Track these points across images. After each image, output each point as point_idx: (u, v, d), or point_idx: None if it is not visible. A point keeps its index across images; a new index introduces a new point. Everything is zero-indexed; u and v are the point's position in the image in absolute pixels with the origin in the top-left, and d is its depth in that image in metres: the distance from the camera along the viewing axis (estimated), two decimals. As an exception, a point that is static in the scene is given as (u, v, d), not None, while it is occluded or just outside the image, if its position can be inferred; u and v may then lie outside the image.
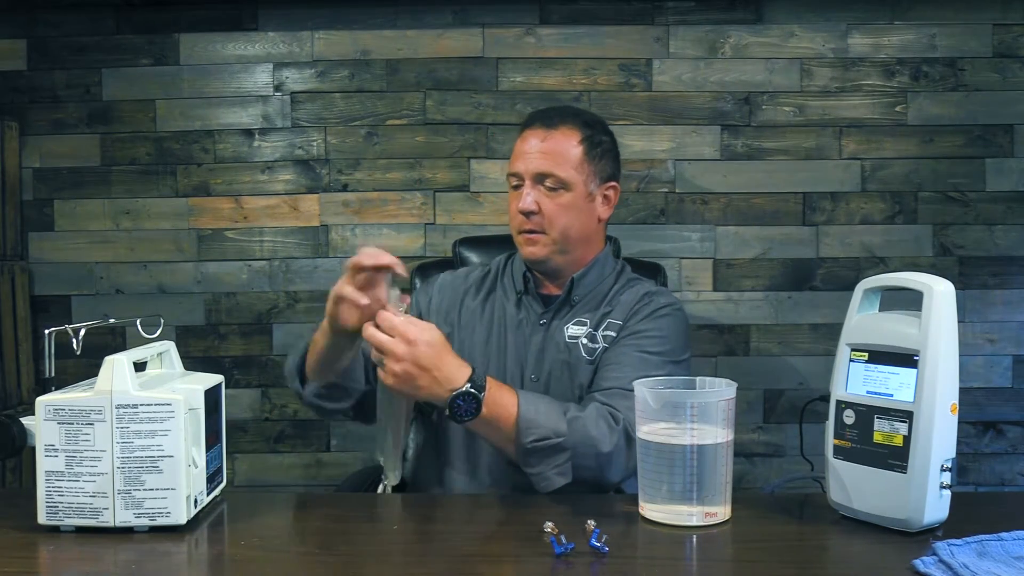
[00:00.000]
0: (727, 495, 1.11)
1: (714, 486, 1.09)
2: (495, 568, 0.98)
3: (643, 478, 1.12)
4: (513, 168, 1.54)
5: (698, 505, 1.08)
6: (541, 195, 1.50)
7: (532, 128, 1.54)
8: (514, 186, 1.54)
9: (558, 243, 1.52)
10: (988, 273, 2.40)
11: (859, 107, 2.39)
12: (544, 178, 1.50)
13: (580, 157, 1.52)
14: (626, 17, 2.39)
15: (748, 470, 2.42)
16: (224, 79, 2.42)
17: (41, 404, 1.07)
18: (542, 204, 1.50)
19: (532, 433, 1.30)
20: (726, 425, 1.09)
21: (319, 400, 1.45)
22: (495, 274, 1.64)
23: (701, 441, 1.08)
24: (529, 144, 1.52)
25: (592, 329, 1.52)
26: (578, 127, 1.54)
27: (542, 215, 1.50)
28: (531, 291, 1.58)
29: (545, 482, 1.31)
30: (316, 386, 1.44)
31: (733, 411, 1.11)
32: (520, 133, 1.56)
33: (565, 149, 1.51)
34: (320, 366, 1.41)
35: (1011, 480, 2.41)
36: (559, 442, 1.30)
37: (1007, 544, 0.97)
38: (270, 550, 1.06)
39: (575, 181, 1.51)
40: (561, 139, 1.51)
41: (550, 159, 1.50)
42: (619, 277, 1.61)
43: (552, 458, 1.31)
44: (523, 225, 1.51)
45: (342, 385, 1.44)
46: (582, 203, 1.53)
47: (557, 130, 1.52)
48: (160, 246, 2.44)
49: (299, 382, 1.47)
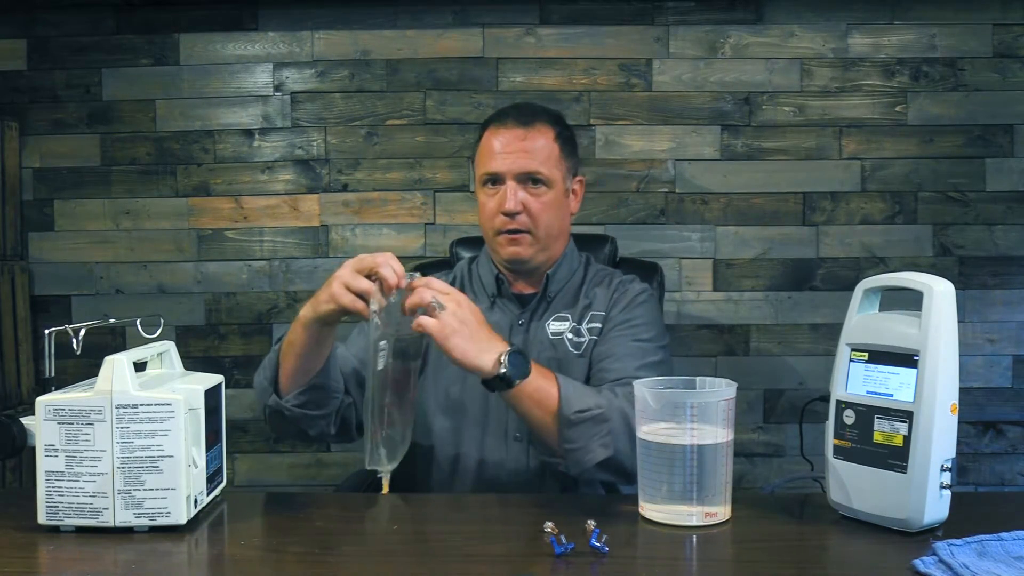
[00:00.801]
0: (727, 495, 1.11)
1: (714, 486, 1.09)
2: (495, 568, 0.98)
3: (643, 478, 1.12)
4: (491, 168, 1.51)
5: (698, 505, 1.08)
6: (525, 194, 1.49)
7: (506, 126, 1.51)
8: (490, 185, 1.52)
9: (541, 241, 1.53)
10: (988, 273, 2.40)
11: (859, 107, 2.39)
12: (528, 177, 1.50)
13: (558, 154, 1.53)
14: (626, 17, 2.39)
15: (748, 470, 2.42)
16: (224, 79, 2.42)
17: (41, 404, 1.07)
18: (527, 203, 1.49)
19: (575, 404, 1.29)
20: (726, 425, 1.09)
21: (303, 409, 1.38)
22: (461, 279, 1.63)
23: (701, 441, 1.08)
24: (506, 143, 1.50)
25: (575, 323, 1.53)
26: (550, 123, 1.54)
27: (526, 214, 1.49)
28: (505, 292, 1.57)
29: (589, 455, 1.29)
30: (296, 394, 1.37)
31: (733, 411, 1.10)
32: (489, 131, 1.54)
33: (544, 146, 1.51)
34: (299, 366, 1.35)
35: (1011, 480, 2.41)
36: (600, 413, 1.28)
37: (1007, 544, 0.97)
38: (270, 550, 1.06)
39: (555, 178, 1.52)
40: (539, 137, 1.51)
41: (533, 157, 1.50)
42: (587, 268, 1.62)
43: (595, 429, 1.28)
44: (505, 225, 1.50)
45: (322, 385, 1.38)
46: (561, 200, 1.55)
47: (534, 128, 1.51)
48: (160, 246, 2.44)
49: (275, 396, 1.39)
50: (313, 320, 1.29)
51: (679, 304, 2.40)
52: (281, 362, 1.37)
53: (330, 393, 1.40)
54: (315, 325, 1.30)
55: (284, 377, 1.37)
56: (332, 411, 1.42)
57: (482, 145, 1.55)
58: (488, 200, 1.52)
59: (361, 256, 1.25)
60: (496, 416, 1.50)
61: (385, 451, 1.25)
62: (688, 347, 2.39)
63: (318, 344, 1.33)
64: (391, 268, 1.22)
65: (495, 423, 1.50)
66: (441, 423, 1.51)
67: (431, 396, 1.53)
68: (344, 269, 1.25)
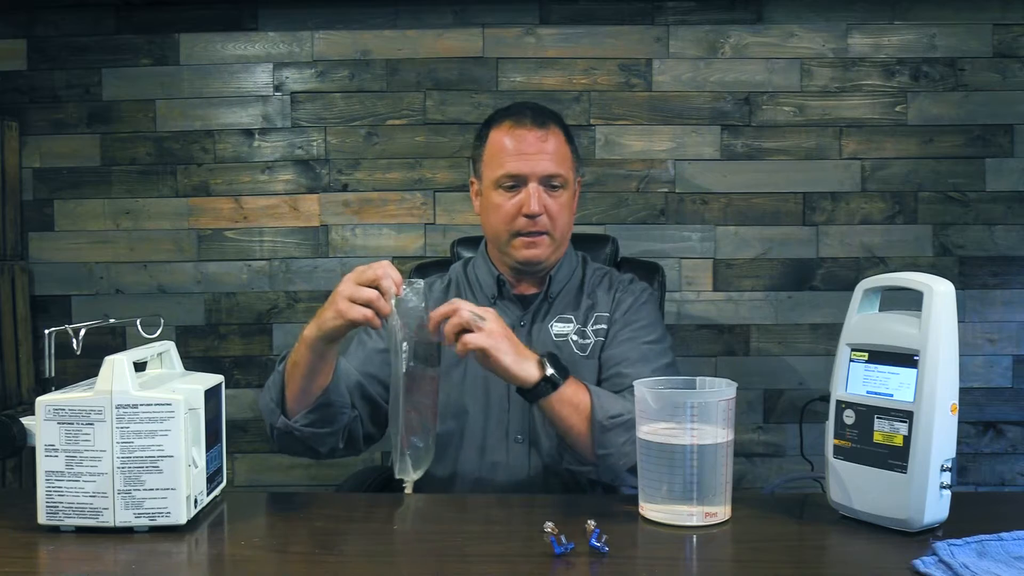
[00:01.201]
0: (727, 495, 1.11)
1: (714, 486, 1.09)
2: (495, 568, 0.98)
3: (643, 478, 1.12)
4: (514, 170, 1.48)
5: (698, 505, 1.08)
6: (545, 196, 1.49)
7: (524, 127, 1.50)
8: (508, 187, 1.50)
9: (557, 242, 1.53)
10: (988, 273, 2.40)
11: (859, 107, 2.39)
12: (551, 179, 1.49)
13: (571, 155, 1.54)
14: (626, 17, 2.39)
15: (748, 470, 2.41)
16: (224, 79, 2.42)
17: (41, 404, 1.07)
18: (547, 205, 1.49)
19: (608, 409, 1.30)
20: (726, 425, 1.09)
21: (313, 428, 1.36)
22: (457, 281, 1.62)
23: (701, 441, 1.08)
24: (527, 144, 1.49)
25: (580, 325, 1.53)
26: (559, 125, 1.55)
27: (547, 216, 1.49)
28: (506, 294, 1.57)
29: (623, 460, 1.29)
30: (304, 414, 1.35)
31: (733, 411, 1.11)
32: (499, 129, 1.52)
33: (560, 147, 1.52)
34: (306, 385, 1.34)
35: (1011, 480, 2.41)
36: (631, 418, 1.26)
37: (1007, 544, 0.97)
38: (270, 550, 1.06)
39: (571, 180, 1.53)
40: (554, 138, 1.51)
41: (556, 159, 1.50)
42: (585, 267, 1.63)
43: (627, 435, 1.28)
44: (527, 227, 1.49)
45: (330, 402, 1.36)
46: (572, 200, 1.56)
47: (550, 129, 1.51)
48: (160, 246, 2.44)
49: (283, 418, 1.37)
50: (319, 339, 1.28)
51: (679, 304, 2.40)
52: (286, 383, 1.36)
53: (338, 409, 1.39)
54: (320, 343, 1.29)
55: (291, 398, 1.36)
56: (341, 427, 1.41)
57: (493, 144, 1.52)
58: (505, 202, 1.50)
59: (359, 269, 1.25)
60: (497, 418, 1.49)
61: (411, 460, 1.26)
62: (688, 347, 2.39)
63: (323, 362, 1.32)
64: (390, 278, 1.22)
65: (496, 425, 1.49)
66: (442, 426, 1.51)
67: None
68: (345, 285, 1.24)
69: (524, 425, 1.48)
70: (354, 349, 1.53)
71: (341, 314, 1.23)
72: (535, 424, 1.47)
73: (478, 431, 1.50)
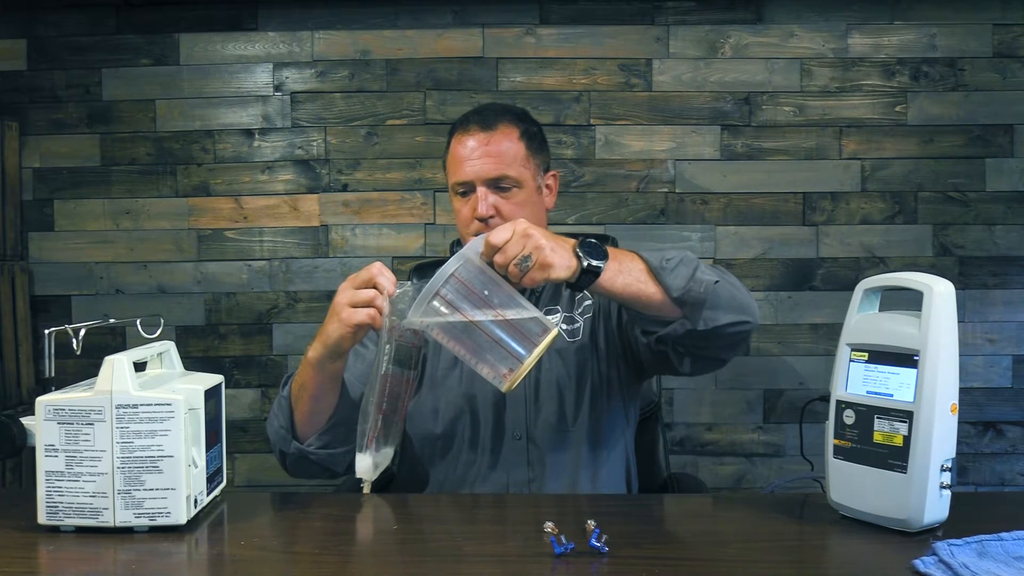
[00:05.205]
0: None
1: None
2: (495, 568, 0.98)
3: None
4: (460, 177, 1.49)
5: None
6: (496, 198, 1.49)
7: (469, 132, 1.50)
8: (461, 193, 1.51)
9: None
10: (988, 273, 2.40)
11: (859, 107, 2.39)
12: (497, 181, 1.49)
13: (524, 153, 1.52)
14: (626, 17, 2.39)
15: (748, 470, 2.42)
16: (224, 79, 2.42)
17: (41, 404, 1.07)
18: (499, 206, 1.48)
19: (658, 257, 1.26)
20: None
21: (327, 449, 1.36)
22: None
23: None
24: (472, 149, 1.49)
25: (567, 312, 1.54)
26: (514, 123, 1.53)
27: (500, 217, 1.48)
28: None
29: (703, 285, 1.24)
30: (317, 436, 1.36)
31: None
32: (454, 138, 1.53)
33: (508, 148, 1.50)
34: (315, 406, 1.34)
35: (1011, 480, 2.41)
36: (683, 256, 1.26)
37: (1007, 544, 0.97)
38: (270, 550, 1.06)
39: (525, 177, 1.51)
40: (502, 138, 1.50)
41: (499, 161, 1.49)
42: None
43: (689, 268, 1.24)
44: (480, 230, 1.47)
45: (342, 420, 1.36)
46: (535, 197, 1.54)
47: (497, 130, 1.50)
48: (160, 246, 2.44)
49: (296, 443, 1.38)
50: (325, 356, 1.28)
51: (679, 304, 2.40)
52: (295, 407, 1.36)
53: (351, 426, 1.37)
54: (327, 361, 1.29)
55: (301, 422, 1.36)
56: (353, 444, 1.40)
57: (450, 154, 1.54)
58: (462, 208, 1.51)
59: (351, 276, 1.26)
60: (496, 417, 1.50)
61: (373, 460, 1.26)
62: (688, 347, 2.39)
63: (331, 380, 1.33)
64: (385, 278, 1.22)
65: (495, 424, 1.49)
66: (442, 426, 1.51)
67: (431, 401, 1.52)
68: (342, 294, 1.25)
69: (522, 422, 1.48)
70: (352, 362, 1.52)
71: (345, 321, 1.23)
72: (533, 421, 1.48)
73: (477, 430, 1.50)
